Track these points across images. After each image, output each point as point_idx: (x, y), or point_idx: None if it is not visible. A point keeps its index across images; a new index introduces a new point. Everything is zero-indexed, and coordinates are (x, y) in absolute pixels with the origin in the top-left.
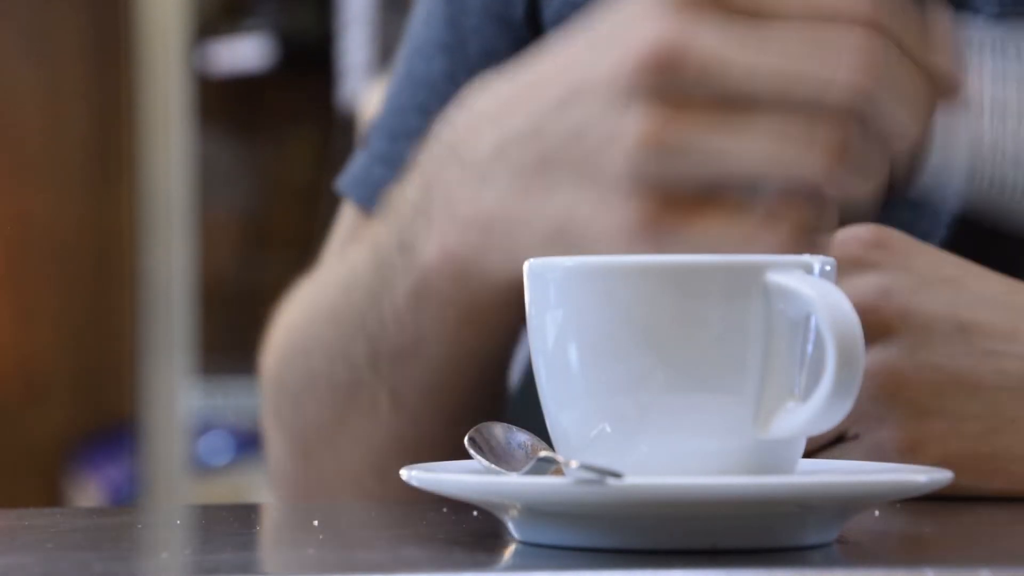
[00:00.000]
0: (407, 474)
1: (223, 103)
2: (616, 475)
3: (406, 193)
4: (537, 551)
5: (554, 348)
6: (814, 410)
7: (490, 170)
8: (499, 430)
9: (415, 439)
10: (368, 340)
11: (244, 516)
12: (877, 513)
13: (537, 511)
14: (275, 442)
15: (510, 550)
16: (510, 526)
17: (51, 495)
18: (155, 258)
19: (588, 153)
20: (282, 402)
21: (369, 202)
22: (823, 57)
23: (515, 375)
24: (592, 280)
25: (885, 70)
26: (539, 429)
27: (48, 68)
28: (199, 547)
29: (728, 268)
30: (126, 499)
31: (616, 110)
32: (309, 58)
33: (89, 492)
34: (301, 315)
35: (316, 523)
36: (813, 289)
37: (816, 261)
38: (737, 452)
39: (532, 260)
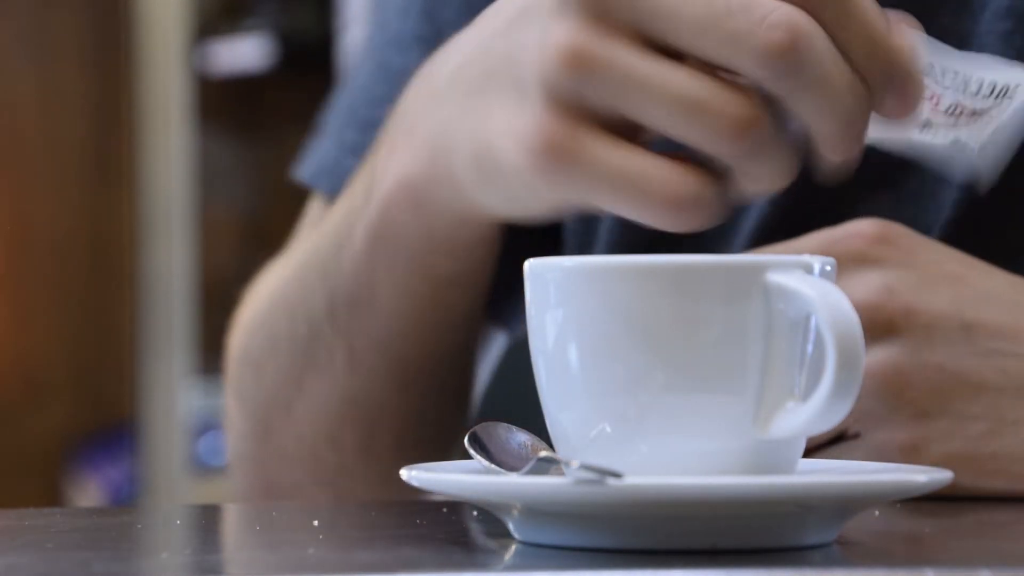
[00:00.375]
0: (407, 474)
1: (223, 103)
2: (616, 475)
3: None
4: (537, 551)
5: (554, 348)
6: (814, 410)
7: (445, 93)
8: (499, 430)
9: (368, 401)
10: (328, 290)
11: (244, 516)
12: (877, 513)
13: (537, 511)
14: (236, 422)
15: (510, 550)
16: (510, 526)
17: (51, 495)
18: (155, 258)
19: (521, 70)
20: (245, 374)
21: (338, 193)
22: (749, 25)
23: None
24: (592, 280)
25: (808, 59)
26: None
27: (48, 68)
28: (199, 547)
29: (728, 268)
30: (126, 499)
31: (550, 27)
32: (309, 58)
33: (89, 492)
34: (268, 288)
35: (316, 523)
36: (813, 289)
37: (816, 261)
38: (737, 452)
39: (532, 260)
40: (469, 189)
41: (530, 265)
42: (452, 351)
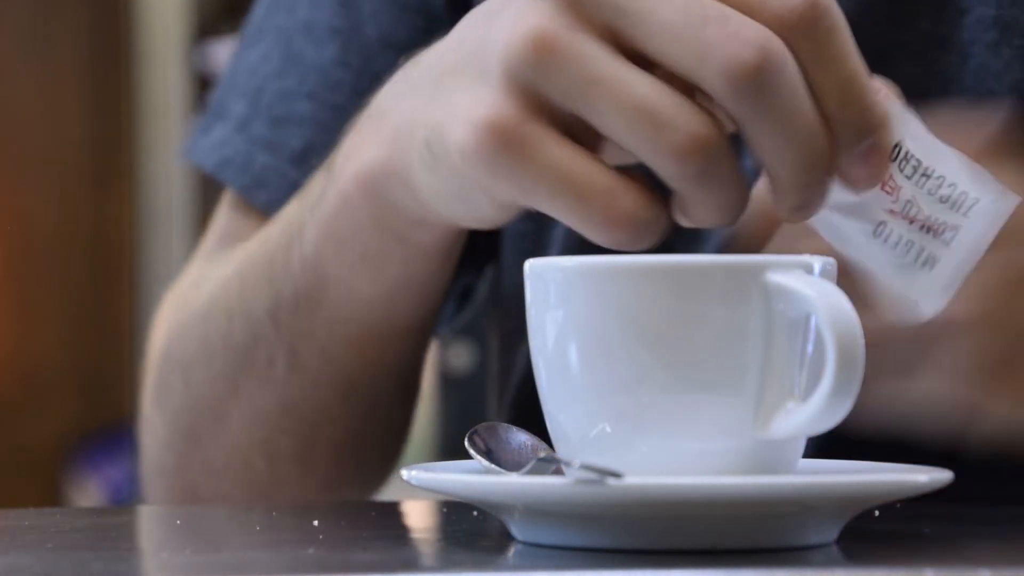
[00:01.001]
0: (407, 474)
1: None
2: (616, 475)
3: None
4: (537, 551)
5: (554, 348)
6: (814, 410)
7: (417, 85)
8: (499, 430)
9: (308, 409)
10: (273, 290)
11: (244, 516)
12: (877, 513)
13: (537, 511)
14: (157, 429)
15: (510, 550)
16: (510, 526)
17: (51, 495)
18: (155, 258)
19: (487, 55)
20: (170, 378)
21: (252, 190)
22: (720, 38)
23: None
24: (592, 280)
25: (774, 85)
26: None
27: (48, 68)
28: (199, 547)
29: (728, 268)
30: (126, 499)
31: (522, 13)
32: None
33: (89, 492)
34: (200, 289)
35: (316, 523)
36: (813, 289)
37: (816, 261)
38: (737, 452)
39: (532, 260)
40: (419, 181)
41: (530, 265)
42: (399, 360)
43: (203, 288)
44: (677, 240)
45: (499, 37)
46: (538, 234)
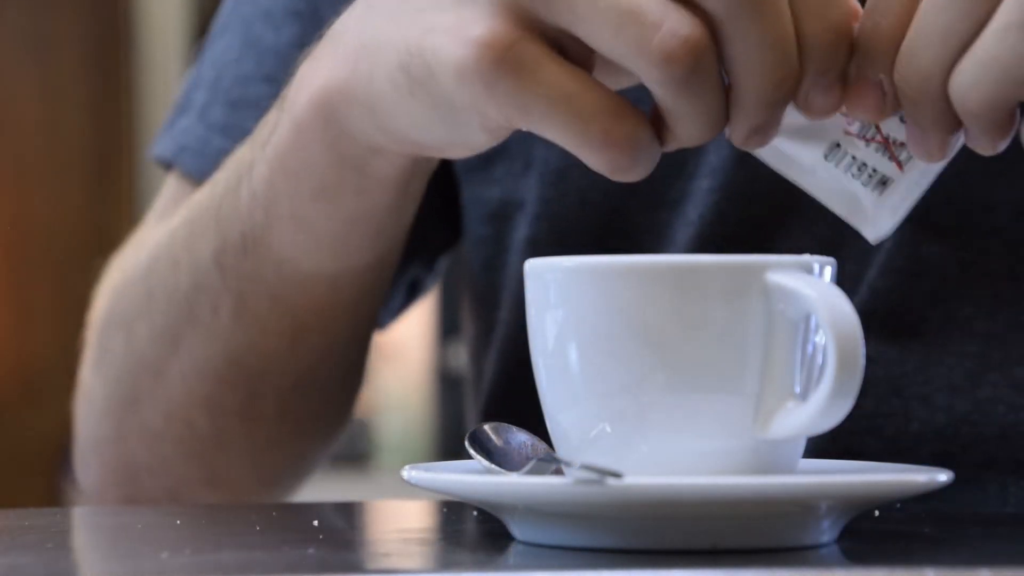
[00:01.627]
0: (407, 474)
1: None
2: (616, 475)
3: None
4: (537, 551)
5: (554, 348)
6: (814, 410)
7: (379, 3)
8: (499, 430)
9: (256, 358)
10: (219, 233)
11: (244, 516)
12: (877, 513)
13: (537, 511)
14: (95, 397)
15: (510, 550)
16: (510, 526)
17: (51, 495)
18: None
19: None
20: (111, 341)
21: (206, 174)
22: None
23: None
24: (592, 280)
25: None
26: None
27: (48, 69)
28: (199, 547)
29: (728, 268)
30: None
31: None
32: None
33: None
34: (138, 252)
35: (316, 523)
36: (813, 289)
37: (816, 261)
38: (737, 452)
39: (532, 260)
40: (389, 105)
41: (530, 265)
42: (351, 304)
43: (144, 247)
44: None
45: None
46: (498, 240)
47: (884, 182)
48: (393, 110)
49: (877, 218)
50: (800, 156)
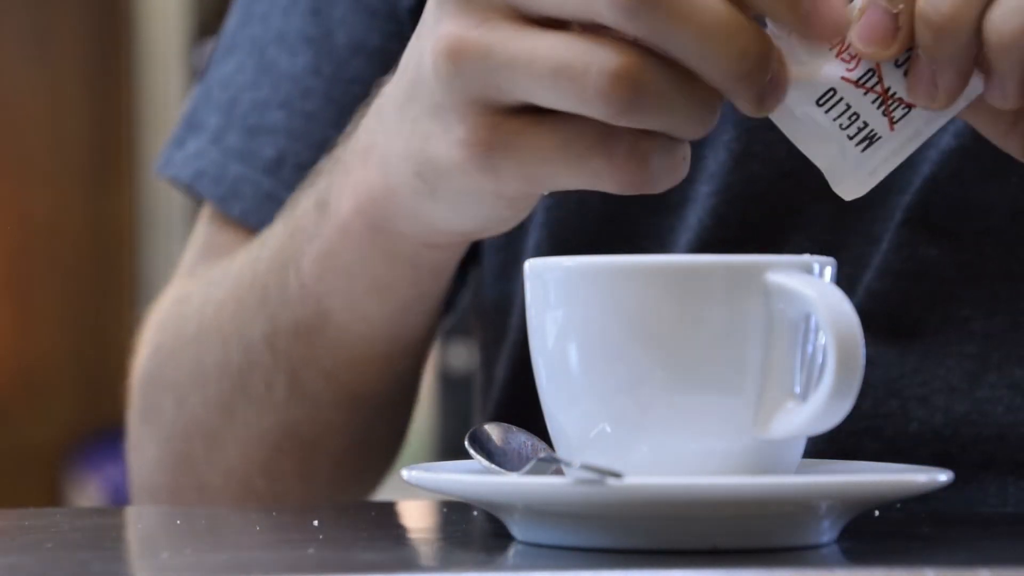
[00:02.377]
0: (407, 474)
1: None
2: (616, 475)
3: (335, 153)
4: (537, 551)
5: (554, 348)
6: (814, 410)
7: (385, 110)
8: (499, 430)
9: (312, 428)
10: (268, 315)
11: (244, 516)
12: (877, 513)
13: (537, 511)
14: (146, 449)
15: (510, 550)
16: (510, 526)
17: (51, 495)
18: (155, 258)
19: (424, 77)
20: (161, 400)
21: (227, 202)
22: None
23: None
24: (592, 280)
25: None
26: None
27: (48, 68)
28: (199, 547)
29: (728, 268)
30: (126, 499)
31: (434, 24)
32: None
33: (89, 492)
34: (186, 309)
35: (316, 523)
36: (813, 289)
37: (816, 261)
38: (737, 452)
39: (532, 260)
40: (421, 208)
41: (530, 265)
42: (403, 370)
43: (190, 308)
44: (645, 244)
45: (426, 59)
46: (509, 247)
47: (871, 139)
48: (427, 211)
49: (855, 177)
50: (791, 99)
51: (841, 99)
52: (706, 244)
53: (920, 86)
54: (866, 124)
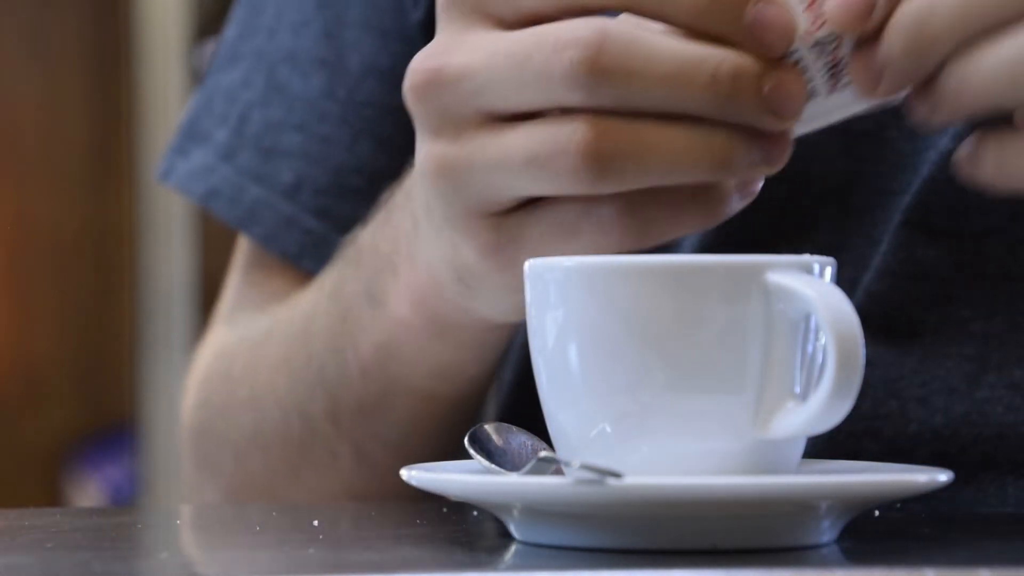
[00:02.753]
0: (407, 474)
1: None
2: (616, 475)
3: (373, 241)
4: (537, 551)
5: (554, 348)
6: (814, 410)
7: (422, 219)
8: (499, 430)
9: (379, 490)
10: (328, 394)
11: (244, 516)
12: (877, 513)
13: (537, 511)
14: (205, 493)
15: (510, 550)
16: (510, 526)
17: (51, 495)
18: (155, 258)
19: (423, 190)
20: (218, 455)
21: (247, 224)
22: (544, 57)
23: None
24: (592, 280)
25: (614, 61)
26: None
27: (48, 68)
28: (199, 547)
29: (728, 268)
30: (126, 499)
31: (419, 146)
32: None
33: (89, 492)
34: (240, 364)
35: (316, 523)
36: (813, 289)
37: (816, 261)
38: (737, 452)
39: (532, 260)
40: (470, 304)
41: (530, 265)
42: (461, 430)
43: (236, 368)
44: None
45: (417, 173)
46: None
47: (809, 96)
48: (477, 308)
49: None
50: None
51: (797, 49)
52: (708, 249)
53: (863, 70)
54: (810, 81)
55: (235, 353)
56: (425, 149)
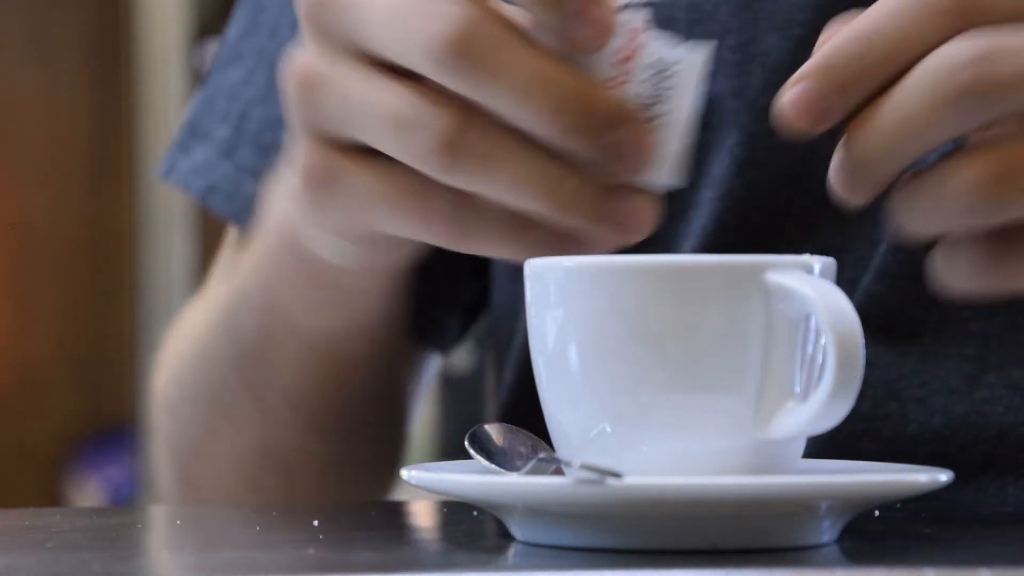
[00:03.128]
0: (407, 474)
1: None
2: (616, 475)
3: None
4: (537, 551)
5: (554, 348)
6: (814, 410)
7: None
8: (499, 430)
9: (286, 449)
10: (234, 342)
11: (244, 516)
12: (877, 513)
13: (537, 511)
14: (162, 468)
15: (510, 550)
16: (510, 526)
17: (51, 495)
18: (155, 258)
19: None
20: (167, 422)
21: (241, 218)
22: (419, 17)
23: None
24: (592, 280)
25: (479, 47)
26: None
27: (48, 69)
28: (199, 547)
29: (728, 268)
30: (126, 499)
31: (296, 51)
32: None
33: (89, 492)
34: (188, 333)
35: (316, 523)
36: (813, 289)
37: (816, 261)
38: (737, 452)
39: (532, 260)
40: (309, 240)
41: (530, 265)
42: (369, 386)
43: (190, 332)
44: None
45: (285, 83)
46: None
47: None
48: (311, 242)
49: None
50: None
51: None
52: (709, 249)
53: (843, 179)
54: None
55: (192, 317)
56: (299, 57)
